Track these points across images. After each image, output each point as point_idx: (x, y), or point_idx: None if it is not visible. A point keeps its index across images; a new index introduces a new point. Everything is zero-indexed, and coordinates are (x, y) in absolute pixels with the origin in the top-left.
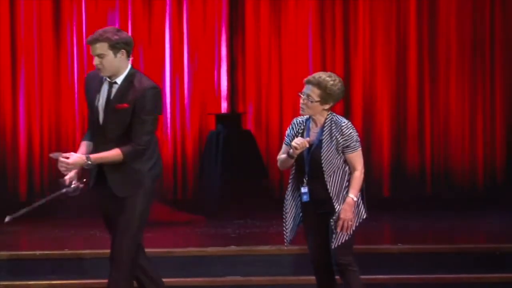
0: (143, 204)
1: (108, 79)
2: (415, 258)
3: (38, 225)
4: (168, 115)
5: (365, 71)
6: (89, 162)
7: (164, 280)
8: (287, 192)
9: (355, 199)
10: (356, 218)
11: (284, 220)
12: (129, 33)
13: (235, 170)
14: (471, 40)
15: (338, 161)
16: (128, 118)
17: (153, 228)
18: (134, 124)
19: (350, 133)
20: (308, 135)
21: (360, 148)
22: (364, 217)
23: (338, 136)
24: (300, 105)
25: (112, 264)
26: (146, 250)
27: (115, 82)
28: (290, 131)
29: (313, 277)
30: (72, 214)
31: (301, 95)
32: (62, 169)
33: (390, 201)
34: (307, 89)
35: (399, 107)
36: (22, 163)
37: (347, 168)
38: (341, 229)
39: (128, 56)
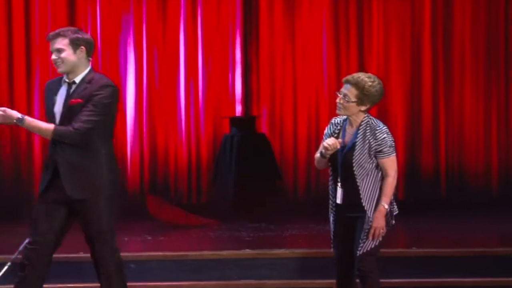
0: (107, 207)
1: (66, 79)
2: (429, 262)
3: None
4: (183, 119)
5: (379, 74)
6: (22, 120)
7: (178, 283)
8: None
9: (386, 207)
10: (386, 228)
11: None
12: (144, 37)
13: (250, 174)
14: (485, 43)
15: (370, 165)
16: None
17: (167, 232)
18: (80, 111)
19: (384, 137)
20: (343, 136)
21: (394, 154)
22: (393, 223)
23: (371, 140)
24: (337, 104)
25: (102, 278)
26: (161, 253)
27: (74, 82)
28: (327, 130)
29: (327, 281)
30: None
31: (339, 94)
32: None
33: (405, 204)
34: (345, 88)
35: (413, 110)
36: (37, 168)
37: (380, 173)
38: (372, 237)
39: (88, 56)
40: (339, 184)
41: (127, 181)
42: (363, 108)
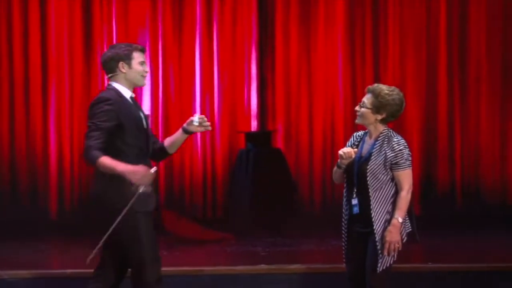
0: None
1: (132, 94)
2: (445, 277)
3: (69, 244)
4: (198, 134)
5: None
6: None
7: None
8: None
9: (400, 220)
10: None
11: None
12: (160, 52)
13: (265, 189)
14: (501, 56)
15: (385, 177)
16: None
17: (183, 246)
18: None
19: (401, 149)
20: (362, 147)
21: (410, 168)
22: (405, 240)
23: (387, 151)
24: (356, 113)
25: None
26: (177, 268)
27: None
28: (348, 142)
29: None
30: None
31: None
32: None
33: (421, 219)
34: (365, 97)
35: (429, 124)
36: (53, 182)
37: (394, 187)
38: (388, 252)
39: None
40: (354, 194)
41: None
42: (379, 117)
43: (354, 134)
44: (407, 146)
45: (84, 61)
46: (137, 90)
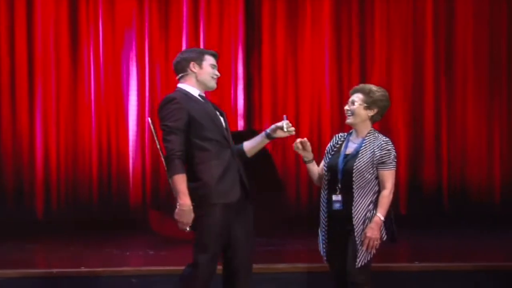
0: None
1: (201, 93)
2: (432, 276)
3: (55, 243)
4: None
5: None
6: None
7: None
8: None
9: (382, 218)
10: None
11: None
12: (146, 52)
13: (252, 188)
14: (488, 58)
15: (370, 175)
16: None
17: (170, 246)
18: None
19: (389, 149)
20: (346, 147)
21: (395, 169)
22: (384, 238)
23: (376, 150)
24: (346, 112)
25: None
26: (163, 268)
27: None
28: (330, 143)
29: None
30: (87, 232)
31: (346, 107)
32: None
33: (408, 219)
34: (354, 96)
35: (415, 124)
36: (39, 181)
37: (377, 187)
38: (366, 248)
39: None
40: (338, 191)
41: (129, 195)
42: (370, 113)
43: (336, 135)
44: (393, 147)
45: (70, 61)
46: (123, 89)
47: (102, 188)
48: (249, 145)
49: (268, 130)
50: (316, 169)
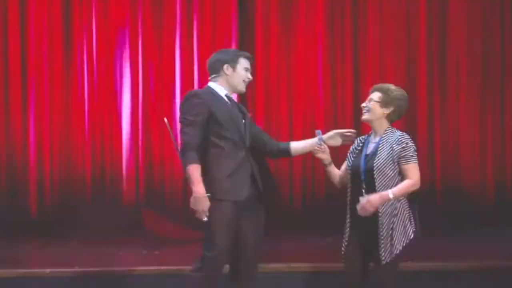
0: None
1: (229, 93)
2: (424, 276)
3: (48, 243)
4: (179, 133)
5: None
6: None
7: None
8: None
9: (391, 196)
10: (403, 238)
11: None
12: (139, 50)
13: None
14: (481, 55)
15: (392, 172)
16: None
17: (163, 246)
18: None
19: (408, 143)
20: (366, 147)
21: (417, 162)
22: (411, 237)
23: (394, 145)
24: (362, 109)
25: None
26: (157, 268)
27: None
28: (351, 147)
29: None
30: (81, 231)
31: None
32: None
33: None
34: (372, 94)
35: (408, 122)
36: (32, 180)
37: (400, 182)
38: (358, 207)
39: None
40: (363, 191)
41: (123, 194)
42: (386, 111)
43: (358, 137)
44: (412, 141)
45: (64, 60)
46: (116, 88)
47: (96, 187)
48: (298, 146)
49: (324, 136)
50: (337, 171)
